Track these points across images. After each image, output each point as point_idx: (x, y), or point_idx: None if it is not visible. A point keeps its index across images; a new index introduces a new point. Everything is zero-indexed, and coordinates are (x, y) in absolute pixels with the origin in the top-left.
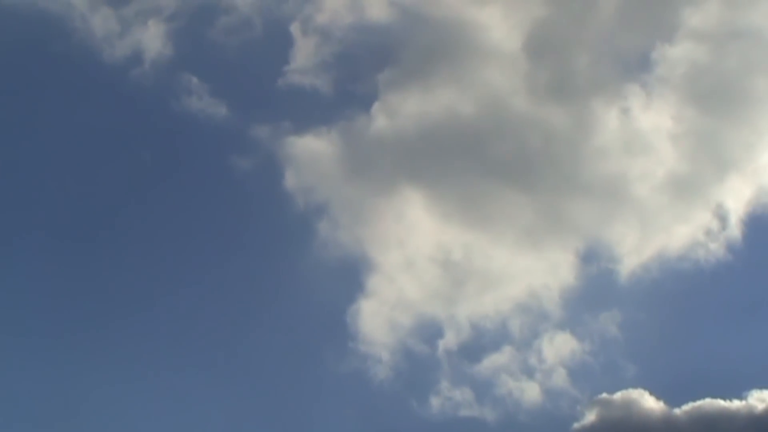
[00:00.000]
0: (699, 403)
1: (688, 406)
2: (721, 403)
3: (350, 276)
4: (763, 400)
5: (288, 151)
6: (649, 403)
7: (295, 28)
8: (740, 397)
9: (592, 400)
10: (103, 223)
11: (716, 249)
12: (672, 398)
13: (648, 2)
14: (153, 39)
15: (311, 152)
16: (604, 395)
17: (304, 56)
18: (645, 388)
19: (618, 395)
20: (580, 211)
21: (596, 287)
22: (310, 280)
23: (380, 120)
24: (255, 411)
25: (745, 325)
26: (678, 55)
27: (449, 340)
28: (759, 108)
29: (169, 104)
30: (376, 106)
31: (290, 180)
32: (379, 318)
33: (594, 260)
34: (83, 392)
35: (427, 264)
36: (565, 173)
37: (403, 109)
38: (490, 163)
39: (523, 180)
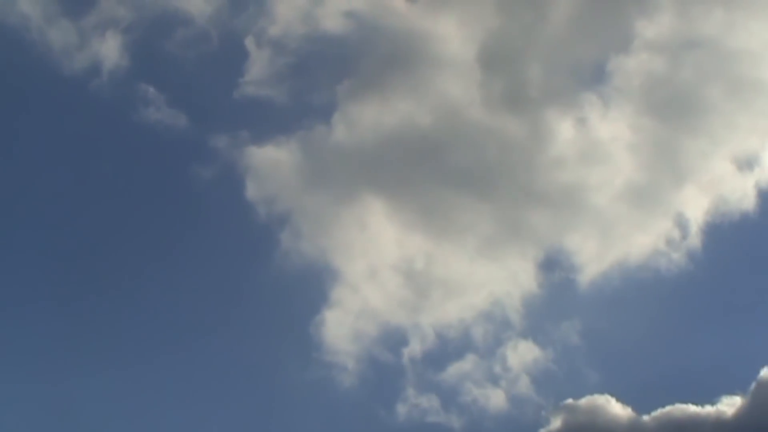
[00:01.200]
0: (667, 408)
1: (656, 413)
2: (690, 409)
3: (314, 286)
4: (732, 406)
5: (249, 162)
6: (616, 409)
7: (249, 41)
8: (711, 403)
9: (557, 406)
10: (64, 234)
11: (676, 258)
12: (639, 404)
13: (600, 14)
14: (111, 50)
15: (272, 162)
16: (570, 401)
17: (260, 68)
18: (611, 394)
19: (583, 401)
20: (540, 220)
21: (557, 296)
22: (274, 291)
23: (340, 130)
24: (220, 422)
25: (708, 332)
26: (633, 65)
27: (414, 348)
28: (715, 117)
29: (128, 115)
30: (335, 116)
31: (252, 190)
32: (343, 327)
33: (554, 269)
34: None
35: (390, 273)
36: (523, 182)
37: (362, 119)
38: (448, 173)
39: (482, 189)
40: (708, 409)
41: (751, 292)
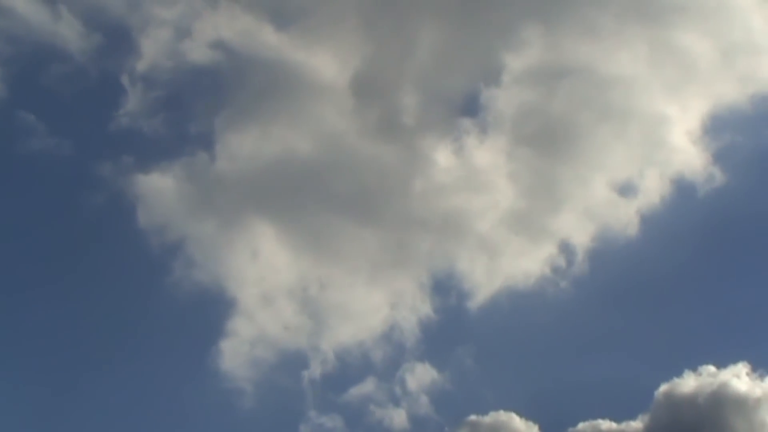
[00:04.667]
0: (580, 426)
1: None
2: (601, 426)
3: (209, 315)
4: (642, 422)
5: (137, 191)
6: (521, 427)
7: (125, 78)
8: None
9: (461, 422)
10: None
11: (563, 284)
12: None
13: (467, 47)
14: None
15: (160, 191)
16: (473, 417)
17: (136, 102)
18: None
19: (487, 418)
20: (425, 246)
21: (450, 320)
22: (169, 321)
23: (221, 158)
24: None
25: (600, 354)
26: (505, 97)
27: (314, 371)
28: (590, 143)
29: (10, 145)
30: (214, 145)
31: (143, 218)
32: (240, 356)
33: (445, 294)
34: None
35: (285, 298)
36: (404, 209)
37: (242, 148)
38: (331, 199)
39: (364, 215)
40: (623, 426)
41: (639, 317)
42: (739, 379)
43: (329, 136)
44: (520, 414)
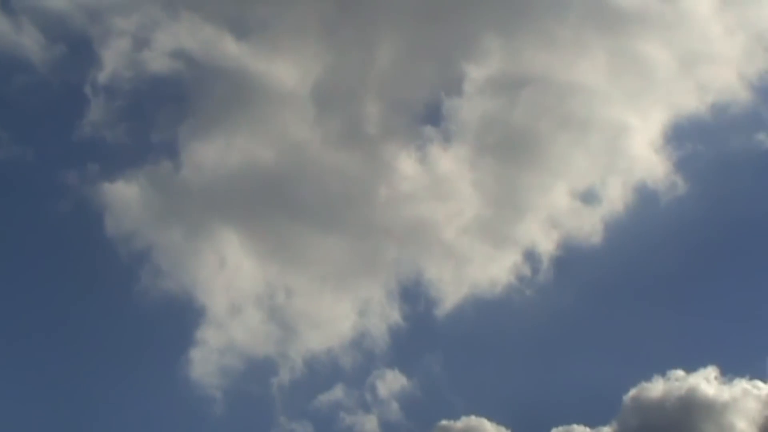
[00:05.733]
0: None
1: None
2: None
3: (177, 324)
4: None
5: (103, 199)
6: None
7: (87, 88)
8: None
9: (434, 427)
10: None
11: (529, 291)
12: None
13: (428, 57)
14: None
15: (126, 199)
16: (444, 422)
17: (99, 113)
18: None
19: (459, 424)
20: (390, 254)
21: (415, 327)
22: (138, 330)
23: (186, 167)
24: None
25: (563, 361)
26: (467, 107)
27: (283, 378)
28: (551, 152)
29: None
30: (179, 154)
31: (110, 226)
32: (209, 363)
33: (410, 301)
34: None
35: (253, 307)
36: (368, 217)
37: (206, 157)
38: (296, 207)
39: (329, 223)
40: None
41: (605, 323)
42: (707, 383)
43: (292, 144)
44: (491, 419)
